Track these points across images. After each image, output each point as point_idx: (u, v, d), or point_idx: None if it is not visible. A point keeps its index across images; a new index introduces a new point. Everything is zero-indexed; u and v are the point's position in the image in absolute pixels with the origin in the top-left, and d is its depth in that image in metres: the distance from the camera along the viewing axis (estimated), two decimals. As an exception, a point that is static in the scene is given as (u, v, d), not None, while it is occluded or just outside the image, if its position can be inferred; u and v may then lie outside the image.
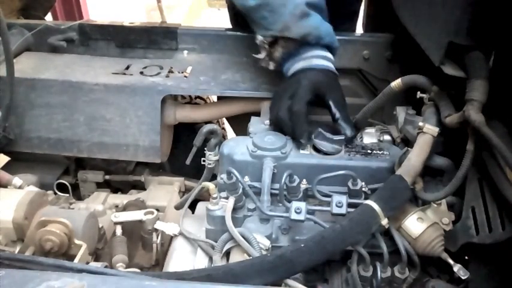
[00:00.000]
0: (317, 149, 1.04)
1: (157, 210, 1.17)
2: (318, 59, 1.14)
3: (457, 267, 0.88)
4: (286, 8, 1.10)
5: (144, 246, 1.18)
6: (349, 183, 0.96)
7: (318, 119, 1.17)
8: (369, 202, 0.88)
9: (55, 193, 1.29)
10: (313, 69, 1.12)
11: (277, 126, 1.11)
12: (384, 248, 0.89)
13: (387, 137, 1.14)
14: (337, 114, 1.07)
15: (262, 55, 1.18)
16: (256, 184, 1.00)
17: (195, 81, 1.33)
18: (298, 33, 1.11)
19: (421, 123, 0.97)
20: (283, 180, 0.94)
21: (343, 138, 1.05)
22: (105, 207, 1.26)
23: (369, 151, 1.05)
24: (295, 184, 0.96)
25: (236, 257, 0.91)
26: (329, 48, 1.16)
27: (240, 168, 0.98)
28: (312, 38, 1.12)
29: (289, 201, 0.94)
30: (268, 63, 1.19)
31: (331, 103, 1.08)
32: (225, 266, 0.87)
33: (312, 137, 1.04)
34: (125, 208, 1.22)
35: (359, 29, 1.80)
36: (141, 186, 1.46)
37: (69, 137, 1.31)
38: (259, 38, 1.16)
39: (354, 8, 1.77)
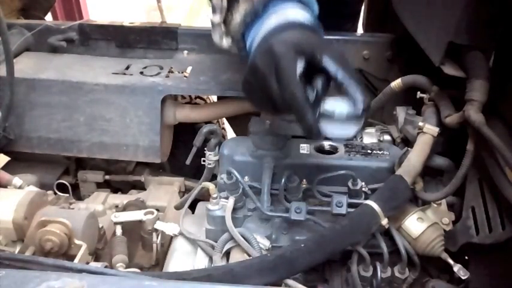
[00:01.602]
0: (326, 137, 0.82)
1: (157, 210, 1.16)
2: (294, 10, 0.85)
3: (457, 267, 0.89)
4: None
5: (144, 246, 1.17)
6: (349, 183, 0.96)
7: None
8: (369, 202, 0.88)
9: (55, 193, 1.29)
10: (289, 26, 0.82)
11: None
12: (384, 248, 0.89)
13: (387, 137, 1.14)
14: (340, 74, 0.78)
15: (216, 17, 0.91)
16: (256, 184, 1.00)
17: (195, 81, 1.32)
18: None
19: (421, 123, 0.97)
20: (283, 180, 0.94)
21: (359, 111, 0.77)
22: (105, 207, 1.26)
23: (369, 151, 1.05)
24: (295, 184, 0.96)
25: (236, 257, 0.91)
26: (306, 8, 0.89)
27: (240, 168, 0.98)
28: None
29: (289, 201, 0.94)
30: (222, 37, 0.93)
31: (326, 61, 0.78)
32: (225, 266, 0.87)
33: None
34: (125, 208, 1.22)
35: (359, 29, 1.81)
36: (141, 186, 1.46)
37: (69, 137, 1.31)
38: None
39: (356, 8, 1.77)
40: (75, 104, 1.30)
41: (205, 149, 1.10)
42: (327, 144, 1.07)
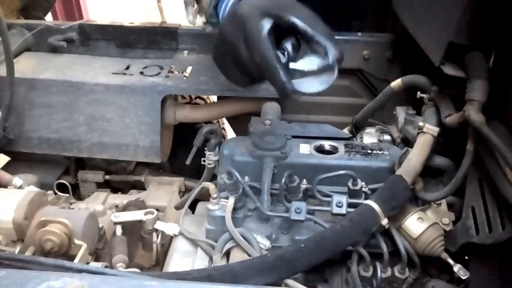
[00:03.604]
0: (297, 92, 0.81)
1: (157, 210, 1.16)
2: None
3: (457, 267, 0.89)
4: None
5: (144, 246, 1.17)
6: (349, 183, 0.95)
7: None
8: (369, 202, 0.88)
9: (55, 193, 1.29)
10: None
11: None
12: (384, 248, 0.89)
13: (387, 137, 1.14)
14: (309, 30, 0.77)
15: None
16: (256, 184, 1.00)
17: (195, 81, 1.32)
18: None
19: (421, 123, 0.97)
20: (283, 180, 0.94)
21: (329, 60, 0.78)
22: (105, 207, 1.26)
23: (369, 151, 1.05)
24: (295, 184, 0.96)
25: (236, 257, 0.91)
26: None
27: (240, 168, 0.98)
28: None
29: (289, 201, 0.94)
30: (195, 15, 0.98)
31: (295, 20, 0.77)
32: (225, 266, 0.87)
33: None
34: (125, 208, 1.22)
35: (359, 29, 1.80)
36: (141, 186, 1.46)
37: (69, 137, 1.31)
38: None
39: (362, 5, 1.76)
40: (75, 104, 1.30)
41: (205, 149, 1.10)
42: (327, 144, 1.07)
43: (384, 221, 0.87)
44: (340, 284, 0.94)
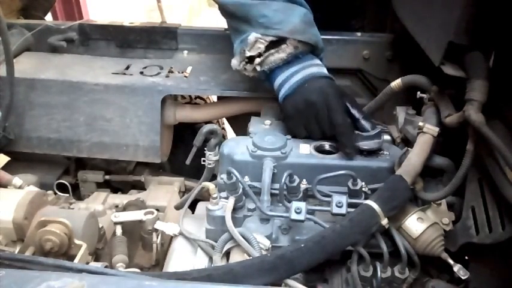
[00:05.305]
0: (361, 151, 1.03)
1: (157, 210, 1.16)
2: (316, 67, 1.10)
3: (457, 267, 0.89)
4: (294, 10, 1.08)
5: (144, 246, 1.18)
6: (349, 183, 0.95)
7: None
8: (369, 202, 0.88)
9: (55, 193, 1.29)
10: (319, 78, 1.08)
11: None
12: (384, 248, 0.89)
13: (387, 137, 1.14)
14: (357, 114, 1.06)
15: (247, 54, 1.09)
16: (256, 184, 1.00)
17: (195, 81, 1.33)
18: (311, 39, 1.09)
19: (421, 123, 0.97)
20: (283, 180, 0.94)
21: (378, 131, 1.04)
22: (105, 207, 1.26)
23: (369, 151, 1.04)
24: (295, 184, 0.96)
25: (236, 257, 0.91)
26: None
27: (240, 168, 0.98)
28: (320, 46, 1.12)
29: (289, 201, 0.94)
30: (247, 66, 1.11)
31: (348, 104, 1.07)
32: (225, 266, 0.87)
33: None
34: (125, 208, 1.22)
35: (359, 29, 1.80)
36: (141, 186, 1.46)
37: (69, 137, 1.31)
38: (254, 35, 1.06)
39: (359, 4, 1.76)
40: (75, 104, 1.30)
41: (205, 149, 1.10)
42: (327, 144, 1.07)
43: (384, 221, 0.87)
44: (340, 284, 0.94)
